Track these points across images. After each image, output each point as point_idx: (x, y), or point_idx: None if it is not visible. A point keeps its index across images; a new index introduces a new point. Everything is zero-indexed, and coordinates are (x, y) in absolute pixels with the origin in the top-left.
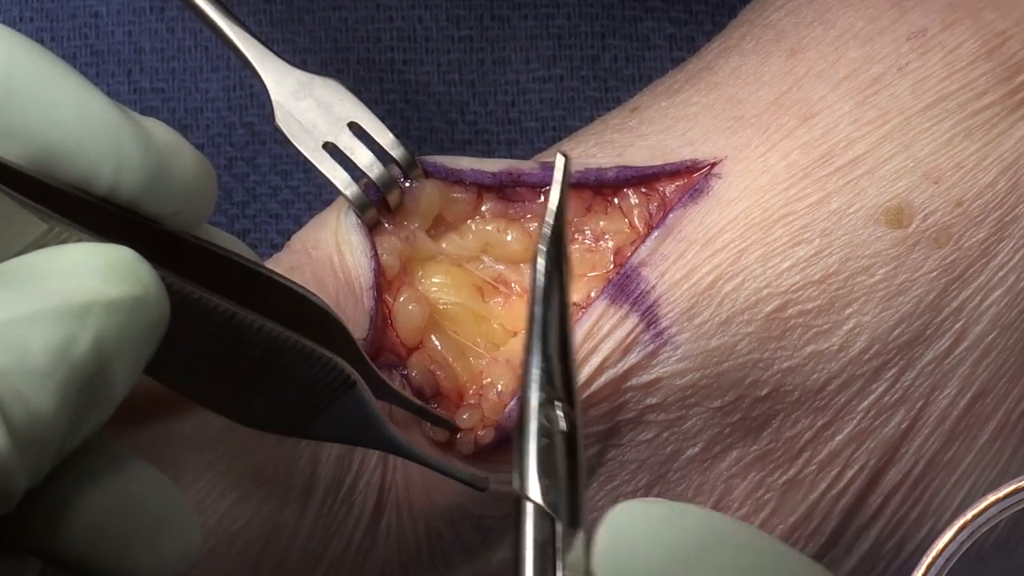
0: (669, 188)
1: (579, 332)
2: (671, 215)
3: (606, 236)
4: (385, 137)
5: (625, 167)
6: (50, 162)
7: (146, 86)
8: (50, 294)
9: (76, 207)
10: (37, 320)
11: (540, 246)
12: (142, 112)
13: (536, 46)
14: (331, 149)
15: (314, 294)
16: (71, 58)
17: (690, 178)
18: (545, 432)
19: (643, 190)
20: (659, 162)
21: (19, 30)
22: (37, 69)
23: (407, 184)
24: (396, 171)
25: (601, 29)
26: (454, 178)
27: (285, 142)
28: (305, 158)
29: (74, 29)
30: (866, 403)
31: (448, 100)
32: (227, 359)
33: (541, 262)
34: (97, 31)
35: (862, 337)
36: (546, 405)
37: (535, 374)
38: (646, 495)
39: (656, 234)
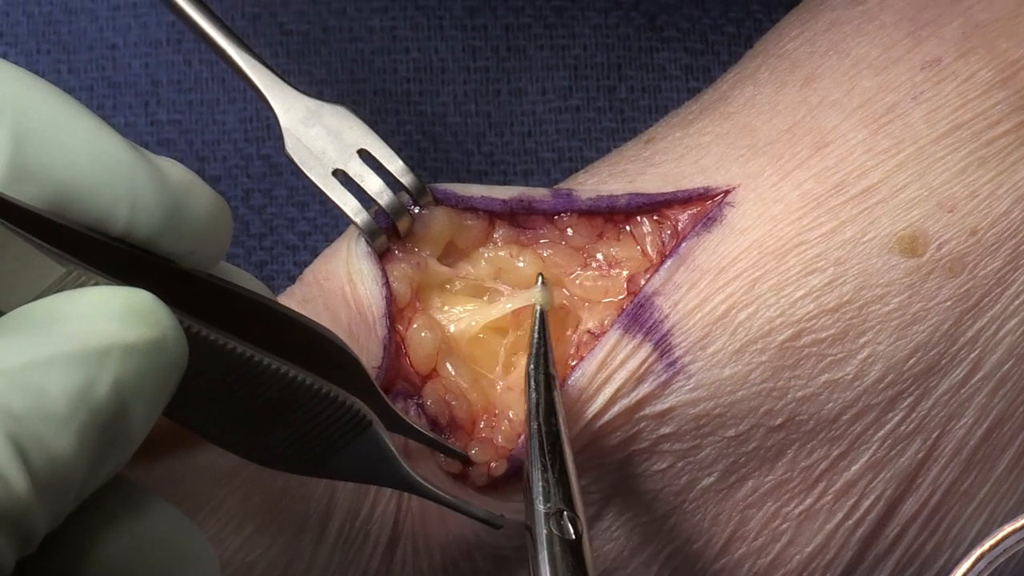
0: (682, 216)
1: (592, 362)
2: (684, 244)
3: (618, 262)
4: (395, 164)
5: (637, 194)
6: (65, 204)
7: (163, 118)
8: (69, 338)
9: (91, 248)
10: (56, 364)
11: (531, 367)
12: (159, 144)
13: (552, 77)
14: (341, 176)
15: (326, 328)
16: (88, 90)
17: (703, 206)
18: (554, 541)
19: (655, 218)
20: (671, 189)
21: (36, 62)
22: (51, 110)
23: (417, 211)
24: (406, 198)
25: (617, 60)
26: (464, 205)
27: (295, 170)
28: (315, 185)
29: (91, 61)
30: (882, 433)
31: (464, 131)
32: (243, 400)
33: (533, 376)
34: (114, 63)
35: (877, 366)
36: (554, 515)
37: (540, 487)
38: (662, 525)
39: (669, 263)
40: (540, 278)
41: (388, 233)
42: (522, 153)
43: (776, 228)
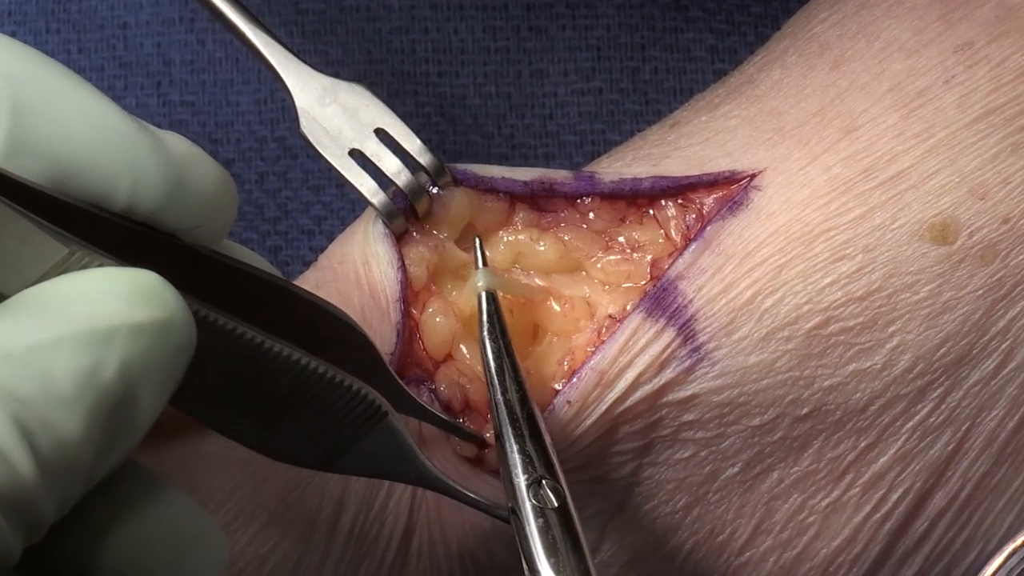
0: (707, 200)
1: (613, 345)
2: (709, 227)
3: (641, 246)
4: (413, 143)
5: (661, 177)
6: (65, 178)
7: (175, 99)
8: (74, 319)
9: (93, 225)
10: (62, 345)
11: (483, 333)
12: (171, 125)
13: (575, 58)
14: (357, 156)
15: (338, 308)
16: (99, 70)
17: (728, 189)
18: (539, 512)
19: (680, 201)
20: (696, 172)
21: (46, 42)
22: (48, 82)
23: (436, 192)
24: (424, 178)
25: (641, 40)
26: (484, 186)
27: (310, 150)
28: (330, 165)
29: (102, 40)
30: (911, 424)
31: (484, 113)
32: (252, 389)
33: (489, 346)
34: (126, 42)
35: (906, 356)
36: (533, 486)
37: (515, 459)
38: (685, 516)
39: (694, 246)
40: (479, 259)
41: (406, 214)
42: (543, 136)
43: (803, 213)
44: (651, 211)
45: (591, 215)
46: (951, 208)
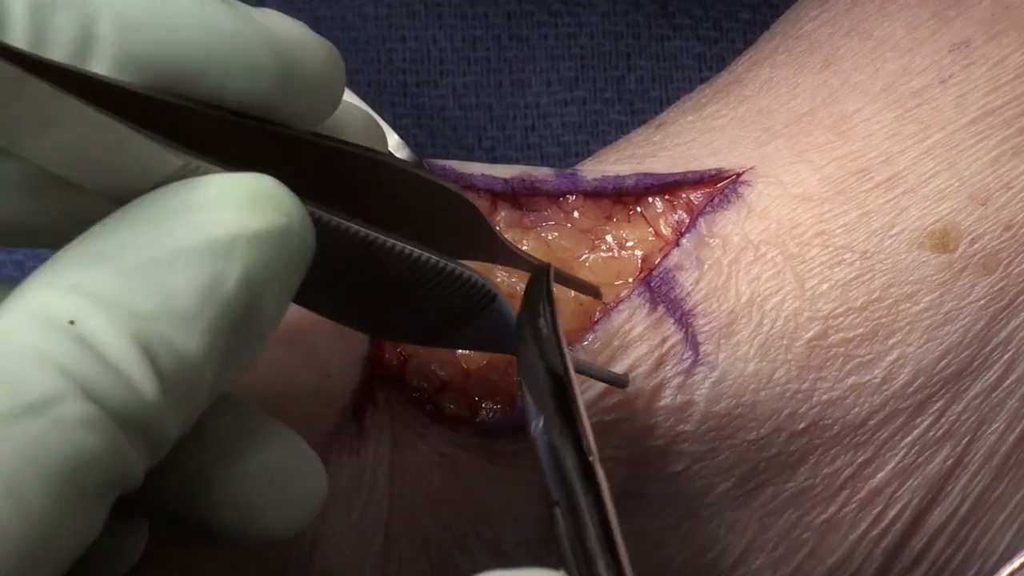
0: (695, 195)
1: (609, 325)
2: (701, 219)
3: (628, 243)
4: (391, 138)
5: (646, 174)
6: (175, 84)
7: None
8: (192, 230)
9: (199, 126)
10: (180, 259)
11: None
12: None
13: (557, 67)
14: None
15: (447, 180)
16: None
17: (715, 187)
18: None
19: (667, 198)
20: (680, 169)
21: None
22: None
23: None
24: None
25: (626, 49)
26: (464, 183)
27: None
28: None
29: None
30: (909, 438)
31: (464, 125)
32: (363, 281)
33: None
34: None
35: (906, 369)
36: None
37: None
38: (676, 532)
39: (687, 238)
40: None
41: None
42: (525, 148)
43: (796, 212)
44: (638, 208)
45: (575, 214)
46: (951, 214)
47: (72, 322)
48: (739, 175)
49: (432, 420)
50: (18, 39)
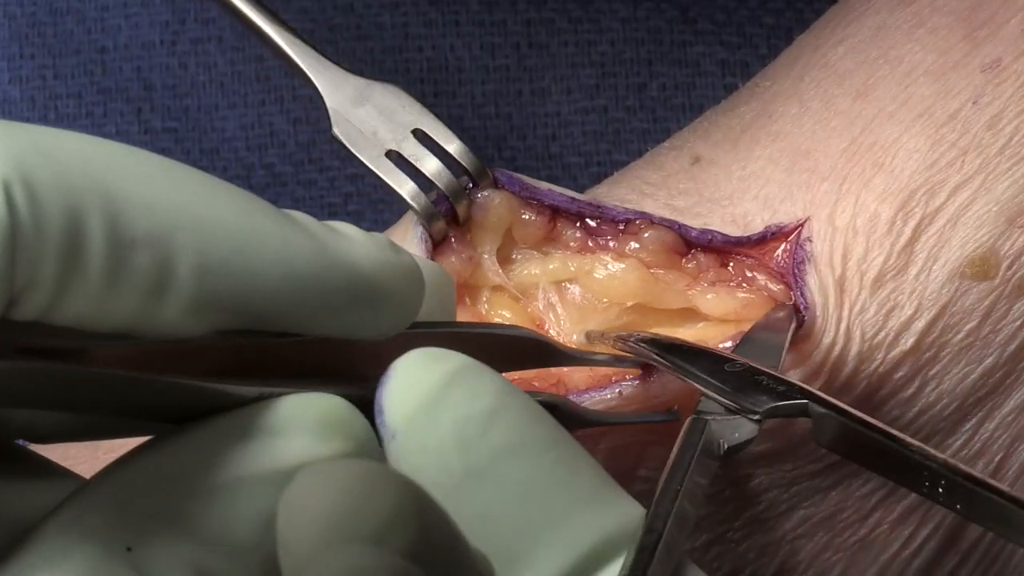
0: (778, 250)
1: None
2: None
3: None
4: (453, 144)
5: (706, 230)
6: (246, 326)
7: (157, 126)
8: (257, 458)
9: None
10: (244, 486)
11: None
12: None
13: (578, 75)
14: (395, 158)
15: (517, 329)
16: (76, 97)
17: (775, 244)
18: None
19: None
20: (742, 233)
21: (20, 68)
22: (239, 223)
23: (476, 196)
24: (465, 180)
25: (648, 55)
26: (528, 194)
27: (344, 152)
28: (367, 168)
29: (79, 66)
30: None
31: (484, 135)
32: None
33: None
34: (104, 67)
35: (944, 398)
36: None
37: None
38: (704, 554)
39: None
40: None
41: (447, 218)
42: (546, 158)
43: (853, 262)
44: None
45: (646, 246)
46: (990, 241)
47: (130, 548)
48: (797, 228)
49: None
50: (93, 275)
